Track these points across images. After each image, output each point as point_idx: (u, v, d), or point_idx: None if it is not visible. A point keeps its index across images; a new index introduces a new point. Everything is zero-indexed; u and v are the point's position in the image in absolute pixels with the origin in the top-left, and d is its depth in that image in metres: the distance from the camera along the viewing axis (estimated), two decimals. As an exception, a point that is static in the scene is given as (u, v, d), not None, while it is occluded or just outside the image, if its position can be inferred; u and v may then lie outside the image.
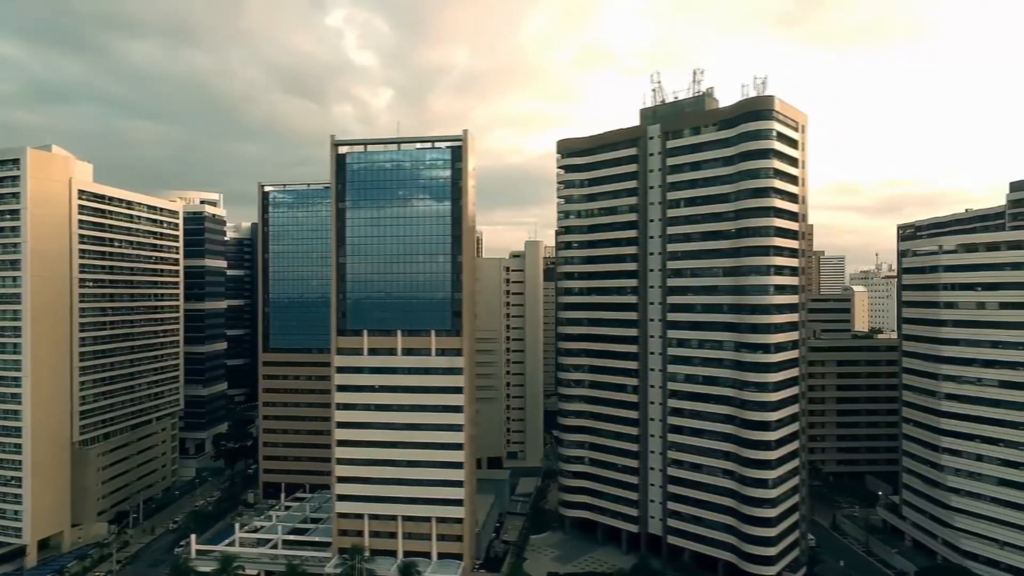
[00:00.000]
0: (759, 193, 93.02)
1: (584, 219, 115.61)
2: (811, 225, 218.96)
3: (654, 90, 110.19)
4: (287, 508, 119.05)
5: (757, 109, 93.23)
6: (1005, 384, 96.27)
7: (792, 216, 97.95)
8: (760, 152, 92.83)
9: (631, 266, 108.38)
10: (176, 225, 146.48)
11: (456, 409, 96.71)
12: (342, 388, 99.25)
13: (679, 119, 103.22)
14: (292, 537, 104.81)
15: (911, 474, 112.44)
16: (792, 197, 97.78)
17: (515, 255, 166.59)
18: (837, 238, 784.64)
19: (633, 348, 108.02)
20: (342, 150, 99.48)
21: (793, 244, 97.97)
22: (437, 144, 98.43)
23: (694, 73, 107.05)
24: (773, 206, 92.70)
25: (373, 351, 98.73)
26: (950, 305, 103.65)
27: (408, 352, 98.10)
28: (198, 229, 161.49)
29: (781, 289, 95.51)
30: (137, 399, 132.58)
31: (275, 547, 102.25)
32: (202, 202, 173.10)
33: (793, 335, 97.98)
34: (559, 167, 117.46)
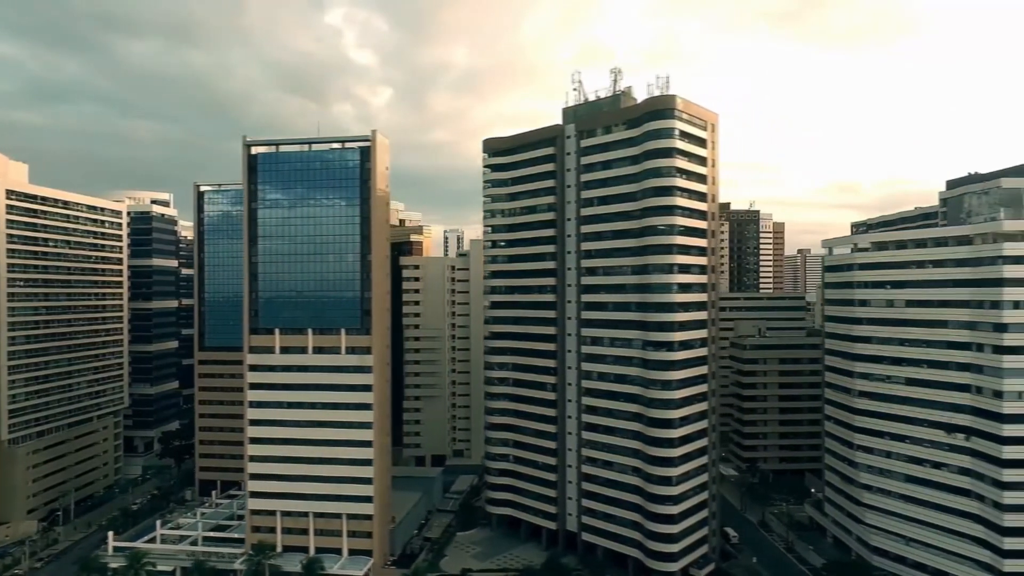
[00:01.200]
0: (662, 192, 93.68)
1: (508, 218, 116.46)
2: (729, 223, 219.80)
3: (575, 89, 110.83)
4: (217, 505, 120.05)
5: (659, 108, 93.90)
6: (912, 382, 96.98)
7: (701, 214, 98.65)
8: (663, 151, 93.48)
9: (550, 264, 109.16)
10: (119, 225, 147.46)
11: (365, 407, 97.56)
12: (255, 386, 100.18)
13: (592, 118, 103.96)
14: (212, 534, 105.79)
15: (831, 471, 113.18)
16: (700, 196, 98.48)
17: (462, 254, 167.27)
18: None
19: (552, 347, 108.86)
20: (255, 150, 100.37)
21: (701, 243, 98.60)
22: (348, 145, 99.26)
23: (612, 72, 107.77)
24: (676, 205, 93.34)
25: (285, 349, 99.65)
26: (863, 303, 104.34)
27: (319, 351, 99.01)
28: (146, 229, 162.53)
29: (687, 288, 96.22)
30: (75, 397, 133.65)
31: (194, 544, 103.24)
32: (153, 202, 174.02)
33: (701, 333, 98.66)
34: (485, 166, 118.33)
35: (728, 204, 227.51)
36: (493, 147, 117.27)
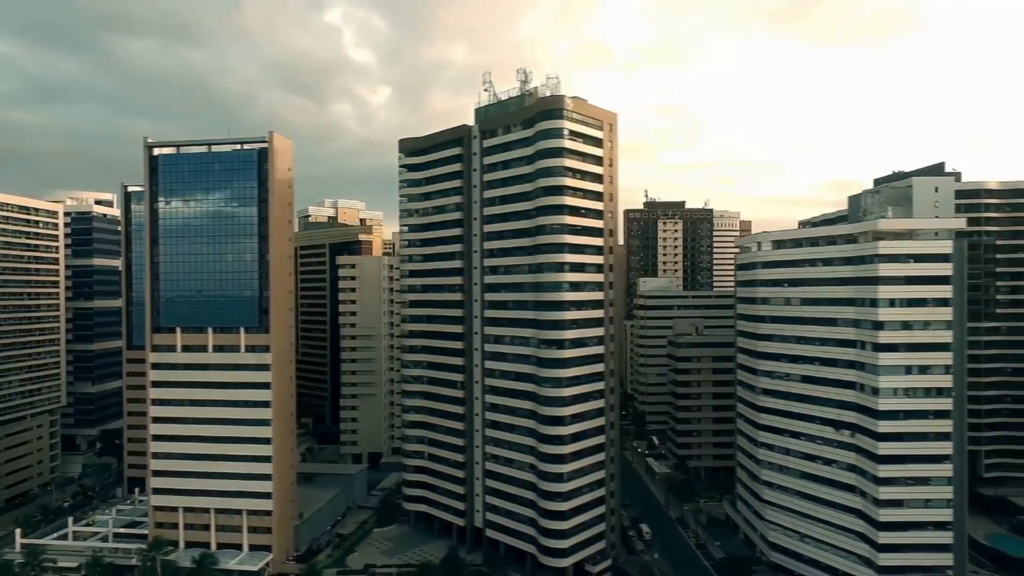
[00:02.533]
0: (552, 191, 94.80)
1: (421, 218, 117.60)
2: (682, 221, 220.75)
3: (486, 90, 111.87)
4: (139, 502, 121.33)
5: (548, 108, 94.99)
6: (807, 379, 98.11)
7: (596, 214, 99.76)
8: (553, 151, 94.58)
9: (458, 264, 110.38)
10: (55, 225, 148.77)
11: (264, 404, 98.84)
12: (157, 384, 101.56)
13: (495, 119, 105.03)
14: (123, 531, 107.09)
15: (741, 468, 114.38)
16: (596, 195, 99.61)
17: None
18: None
19: (460, 345, 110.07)
20: (156, 152, 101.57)
21: (597, 242, 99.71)
22: (246, 146, 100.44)
23: (519, 72, 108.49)
24: (565, 204, 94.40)
25: (187, 348, 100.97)
26: (764, 301, 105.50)
27: (219, 349, 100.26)
28: (86, 229, 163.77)
29: (580, 286, 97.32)
30: (5, 396, 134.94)
31: (104, 540, 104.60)
32: (96, 203, 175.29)
33: (597, 331, 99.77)
34: (400, 166, 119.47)
35: (683, 203, 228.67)
36: (408, 147, 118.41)
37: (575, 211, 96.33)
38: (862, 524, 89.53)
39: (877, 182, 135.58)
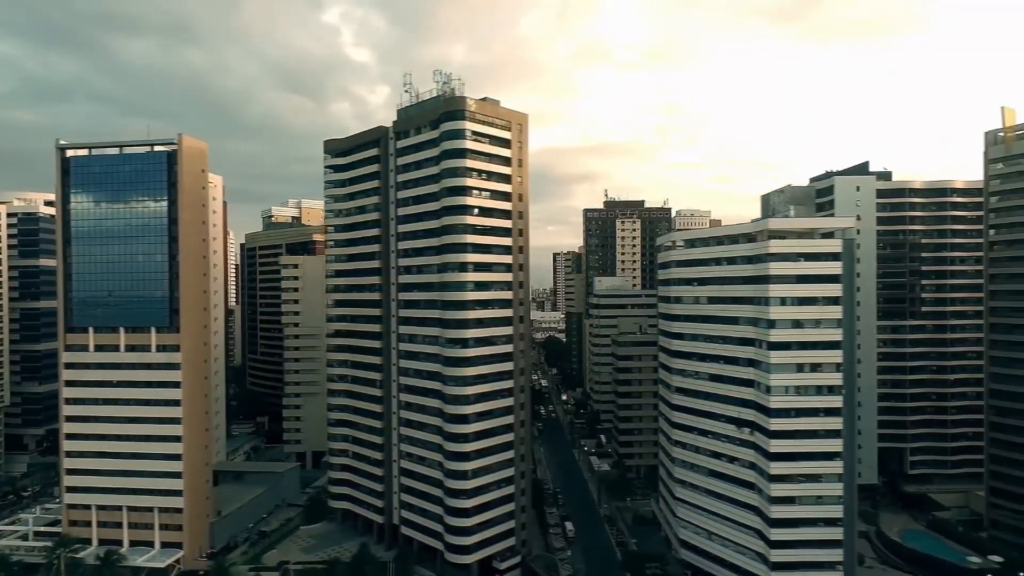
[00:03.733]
0: (455, 191, 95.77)
1: (344, 218, 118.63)
2: (640, 220, 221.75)
3: (407, 91, 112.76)
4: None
5: (451, 110, 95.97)
6: (714, 377, 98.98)
7: (504, 214, 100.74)
8: (456, 151, 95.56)
9: (376, 264, 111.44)
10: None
11: (174, 403, 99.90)
12: (71, 384, 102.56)
13: (407, 120, 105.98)
14: (43, 529, 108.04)
15: (661, 465, 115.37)
16: (504, 195, 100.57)
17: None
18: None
19: (379, 344, 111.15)
20: (69, 153, 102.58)
21: (505, 241, 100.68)
22: (156, 148, 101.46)
23: (435, 74, 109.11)
24: (467, 204, 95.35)
25: (99, 347, 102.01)
26: (677, 299, 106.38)
27: (131, 348, 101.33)
28: (33, 230, 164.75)
29: (486, 286, 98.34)
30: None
31: (24, 538, 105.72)
32: (47, 203, 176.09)
33: (505, 330, 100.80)
34: (325, 167, 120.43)
35: (642, 202, 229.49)
36: (332, 148, 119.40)
37: (480, 211, 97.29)
38: (759, 521, 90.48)
39: (812, 180, 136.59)
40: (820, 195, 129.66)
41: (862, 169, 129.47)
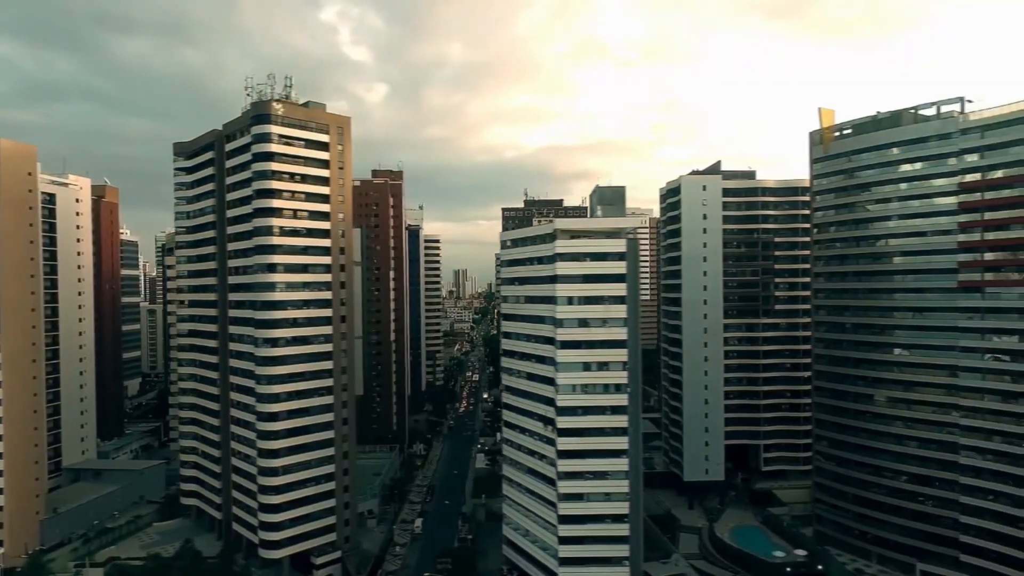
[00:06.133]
0: (263, 194, 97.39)
1: (189, 220, 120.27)
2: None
3: (248, 94, 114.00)
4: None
5: (259, 114, 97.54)
6: (531, 376, 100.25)
7: (323, 216, 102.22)
8: (263, 155, 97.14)
9: (213, 265, 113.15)
10: None
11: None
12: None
13: (233, 123, 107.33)
14: None
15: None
16: (321, 197, 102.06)
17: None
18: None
19: (216, 344, 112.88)
20: None
21: (322, 243, 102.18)
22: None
23: (269, 77, 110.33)
24: (273, 207, 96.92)
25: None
26: (505, 299, 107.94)
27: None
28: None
29: (301, 286, 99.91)
30: None
31: None
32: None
33: (324, 329, 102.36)
34: (175, 168, 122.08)
35: (560, 201, 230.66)
36: (179, 150, 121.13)
37: (296, 213, 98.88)
38: (555, 517, 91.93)
39: (669, 183, 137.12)
40: (670, 195, 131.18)
41: (715, 169, 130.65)
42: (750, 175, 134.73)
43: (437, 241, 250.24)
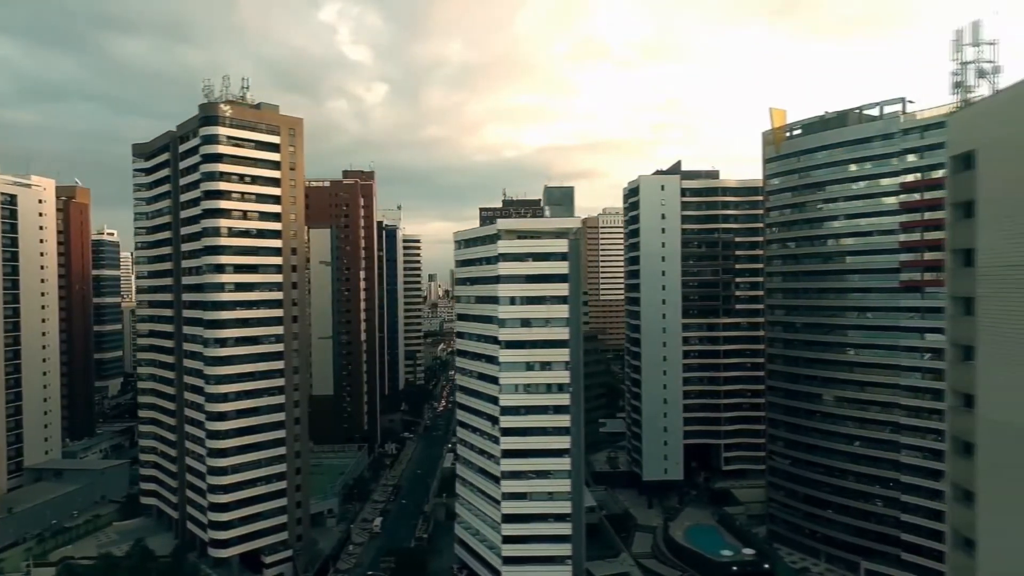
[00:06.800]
0: (211, 195, 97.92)
1: (147, 221, 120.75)
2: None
3: (206, 96, 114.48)
4: None
5: (206, 115, 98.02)
6: (481, 376, 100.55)
7: (274, 216, 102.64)
8: (211, 156, 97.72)
9: (168, 265, 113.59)
10: None
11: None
12: None
13: (186, 124, 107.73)
14: None
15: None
16: (272, 198, 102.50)
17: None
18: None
19: (171, 343, 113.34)
20: None
21: (274, 243, 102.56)
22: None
23: (223, 79, 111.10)
24: (221, 208, 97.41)
25: None
26: (458, 299, 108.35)
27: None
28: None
29: (252, 287, 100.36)
30: None
31: None
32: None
33: (275, 329, 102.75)
34: (134, 170, 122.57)
35: (537, 201, 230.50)
36: (138, 151, 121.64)
37: (245, 214, 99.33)
38: (499, 515, 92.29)
39: (631, 182, 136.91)
40: (631, 195, 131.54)
41: (675, 169, 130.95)
42: (713, 175, 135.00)
43: (417, 241, 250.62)
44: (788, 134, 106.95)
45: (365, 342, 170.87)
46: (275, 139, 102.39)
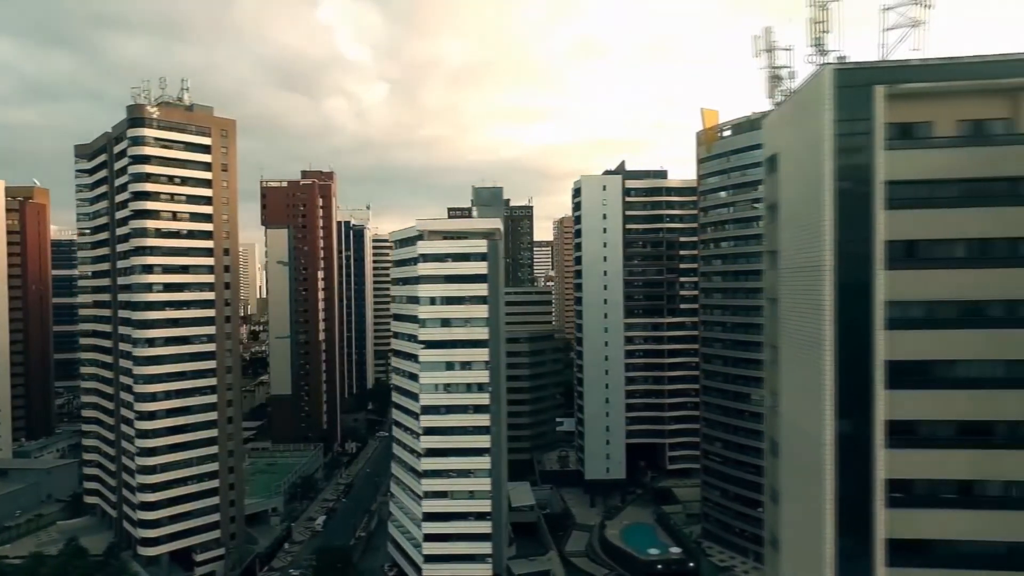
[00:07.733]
0: (138, 197, 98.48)
1: (90, 221, 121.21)
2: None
3: (133, 96, 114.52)
4: None
5: (132, 117, 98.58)
6: (410, 375, 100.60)
7: (205, 217, 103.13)
8: (137, 158, 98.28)
9: (106, 266, 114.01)
10: None
11: None
12: None
13: (119, 126, 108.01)
14: None
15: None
16: (204, 199, 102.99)
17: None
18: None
19: (110, 343, 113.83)
20: None
21: (205, 244, 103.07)
22: None
23: (182, 80, 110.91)
24: (148, 209, 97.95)
25: None
26: (392, 299, 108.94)
27: None
28: None
29: (182, 287, 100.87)
30: None
31: None
32: None
33: (207, 329, 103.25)
34: (76, 171, 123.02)
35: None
36: (80, 152, 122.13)
37: (174, 215, 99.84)
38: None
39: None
40: (575, 195, 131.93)
41: (620, 168, 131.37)
42: (661, 175, 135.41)
43: (385, 240, 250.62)
44: (719, 134, 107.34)
45: (324, 342, 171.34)
46: (206, 140, 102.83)
